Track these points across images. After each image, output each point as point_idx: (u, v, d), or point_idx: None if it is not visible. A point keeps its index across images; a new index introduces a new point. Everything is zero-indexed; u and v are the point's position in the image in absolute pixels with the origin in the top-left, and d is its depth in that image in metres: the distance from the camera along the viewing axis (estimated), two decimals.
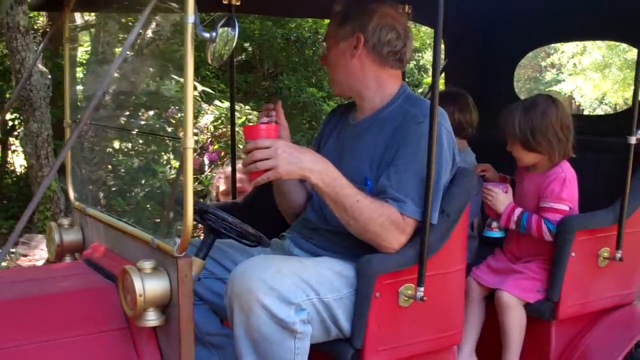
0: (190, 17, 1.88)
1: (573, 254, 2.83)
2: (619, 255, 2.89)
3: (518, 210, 2.92)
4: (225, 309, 2.30)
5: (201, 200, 6.13)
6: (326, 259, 2.41)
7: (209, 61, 2.01)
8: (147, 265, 2.04)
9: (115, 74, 6.79)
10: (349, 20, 2.48)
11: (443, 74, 4.20)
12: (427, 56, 12.35)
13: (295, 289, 2.17)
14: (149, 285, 2.01)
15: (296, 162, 2.20)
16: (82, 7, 3.87)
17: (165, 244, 2.07)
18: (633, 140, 2.81)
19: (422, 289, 2.28)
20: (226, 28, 1.98)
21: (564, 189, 2.89)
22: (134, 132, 7.65)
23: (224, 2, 3.30)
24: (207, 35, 1.96)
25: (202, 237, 2.39)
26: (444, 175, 2.39)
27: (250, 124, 2.41)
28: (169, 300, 2.05)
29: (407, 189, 2.32)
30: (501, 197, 2.96)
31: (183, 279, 2.01)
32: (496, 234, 3.03)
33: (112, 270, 2.33)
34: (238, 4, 3.32)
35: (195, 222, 2.09)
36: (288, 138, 2.60)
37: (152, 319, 2.05)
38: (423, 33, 11.46)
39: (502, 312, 2.88)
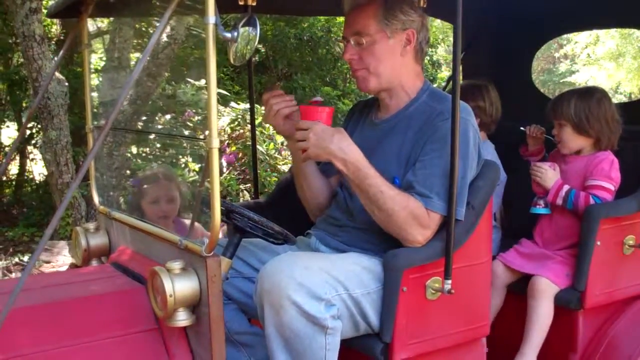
0: (212, 18, 1.89)
1: (598, 243, 2.83)
2: None
3: (566, 187, 2.98)
4: (253, 307, 2.32)
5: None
6: (353, 255, 2.42)
7: (232, 61, 2.02)
8: (176, 265, 2.06)
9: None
10: (399, 15, 2.46)
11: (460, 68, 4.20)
12: (440, 51, 12.32)
13: (324, 284, 2.18)
14: (179, 285, 2.03)
15: (324, 147, 2.28)
16: (99, 13, 3.90)
17: (193, 244, 2.09)
18: None
19: (449, 281, 2.28)
20: (247, 27, 1.99)
21: (612, 169, 2.98)
22: (158, 135, 7.70)
23: (240, 2, 3.32)
24: (228, 35, 1.97)
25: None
26: (469, 171, 2.40)
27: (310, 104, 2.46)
28: (199, 300, 2.06)
29: (432, 184, 2.33)
30: (550, 174, 3.01)
31: (212, 279, 2.02)
32: (542, 210, 3.07)
33: (141, 272, 2.35)
34: (254, 4, 3.33)
35: (222, 222, 2.11)
36: None
37: (182, 319, 2.06)
38: (435, 28, 11.42)
39: (536, 297, 2.89)
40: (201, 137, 2.05)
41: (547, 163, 3.07)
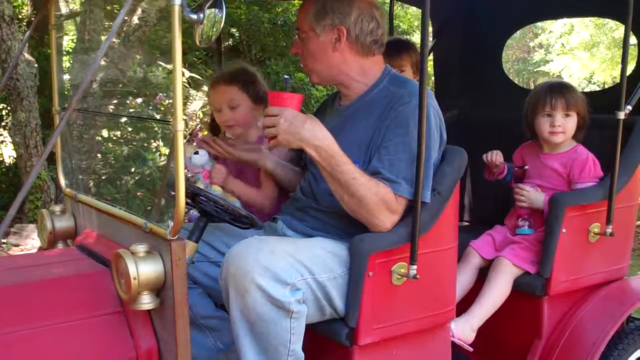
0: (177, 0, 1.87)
1: (564, 230, 2.86)
2: (609, 230, 2.91)
3: None
4: (219, 291, 2.32)
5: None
6: (319, 239, 2.43)
7: (197, 43, 2.00)
8: (141, 248, 2.04)
9: (103, 62, 6.76)
10: (329, 12, 2.45)
11: (431, 55, 4.21)
12: (415, 38, 12.32)
13: (289, 269, 2.18)
14: (143, 268, 2.01)
15: (294, 133, 2.24)
16: None
17: (158, 228, 2.07)
18: (622, 115, 2.82)
19: (414, 267, 2.29)
20: (213, 9, 1.97)
21: (596, 168, 3.01)
22: (125, 117, 7.62)
23: None
24: (194, 16, 1.95)
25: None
26: (433, 153, 2.41)
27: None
28: (163, 284, 2.05)
29: (399, 169, 2.34)
30: (534, 195, 3.03)
31: (177, 262, 2.01)
32: (527, 231, 3.08)
33: (106, 255, 2.33)
34: None
35: (187, 207, 2.10)
36: None
37: (146, 302, 2.05)
38: (410, 15, 11.44)
39: (496, 272, 2.94)
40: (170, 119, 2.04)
41: (528, 183, 3.09)
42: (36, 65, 6.17)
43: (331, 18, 2.45)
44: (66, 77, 7.67)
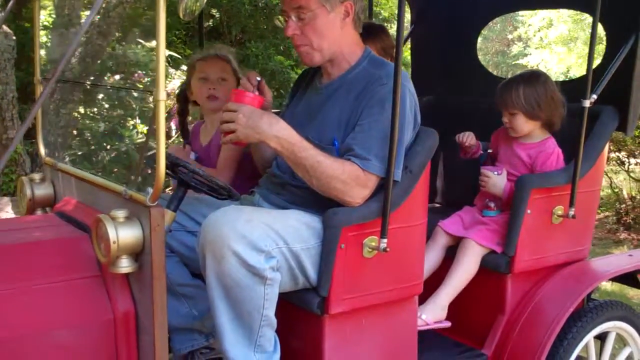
0: None
1: (529, 211, 2.97)
2: (572, 212, 3.02)
3: None
4: (195, 260, 2.39)
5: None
6: (294, 211, 2.50)
7: (181, 16, 2.06)
8: (121, 214, 2.10)
9: (82, 38, 6.73)
10: None
11: (408, 42, 4.29)
12: (395, 26, 12.36)
13: (265, 237, 2.26)
14: (123, 233, 2.08)
15: (254, 128, 2.31)
16: None
17: (137, 194, 2.13)
18: (587, 103, 2.92)
19: (385, 240, 2.39)
20: None
21: (559, 162, 3.11)
22: (107, 88, 7.60)
23: None
24: None
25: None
26: (406, 134, 2.49)
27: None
28: (142, 249, 2.12)
29: (370, 146, 2.42)
30: (494, 180, 3.13)
31: (155, 228, 2.08)
32: (493, 213, 3.17)
33: (84, 221, 2.38)
34: None
35: (166, 176, 2.16)
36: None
37: (125, 265, 2.12)
38: (392, 2, 11.47)
39: (463, 252, 3.05)
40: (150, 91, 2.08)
41: (493, 168, 3.18)
42: (14, 37, 6.13)
43: None
44: (43, 52, 7.62)
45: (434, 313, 2.96)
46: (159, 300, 2.11)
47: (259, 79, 2.52)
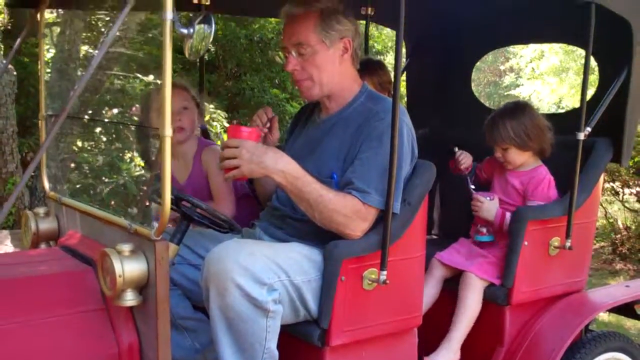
0: (169, 14, 1.98)
1: (526, 243, 3.01)
2: (568, 244, 3.05)
3: (508, 215, 3.13)
4: (198, 294, 2.42)
5: None
6: (295, 244, 2.54)
7: (187, 55, 2.11)
8: (126, 248, 2.14)
9: (80, 72, 6.81)
10: (335, 25, 2.56)
11: (404, 75, 4.36)
12: (389, 59, 12.53)
13: (267, 270, 2.29)
14: (128, 266, 2.11)
15: (258, 163, 2.35)
16: (58, 4, 3.94)
17: (143, 228, 2.17)
18: (581, 136, 2.98)
19: (385, 272, 2.43)
20: (203, 25, 2.09)
21: (550, 189, 3.16)
22: (109, 126, 7.65)
23: (194, 1, 3.41)
24: (185, 31, 2.06)
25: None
26: (405, 167, 2.55)
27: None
28: (147, 282, 2.15)
29: (370, 180, 2.47)
30: (487, 206, 3.17)
31: (160, 261, 2.11)
32: (486, 238, 3.22)
33: (89, 255, 2.41)
34: (207, 3, 3.44)
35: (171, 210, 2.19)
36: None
37: (130, 298, 2.15)
38: (385, 36, 11.64)
39: (466, 288, 3.06)
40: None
41: (485, 194, 3.23)
42: (15, 73, 6.21)
43: (339, 31, 2.57)
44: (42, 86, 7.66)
45: (448, 359, 2.99)
46: (163, 332, 2.13)
47: (272, 115, 2.58)
